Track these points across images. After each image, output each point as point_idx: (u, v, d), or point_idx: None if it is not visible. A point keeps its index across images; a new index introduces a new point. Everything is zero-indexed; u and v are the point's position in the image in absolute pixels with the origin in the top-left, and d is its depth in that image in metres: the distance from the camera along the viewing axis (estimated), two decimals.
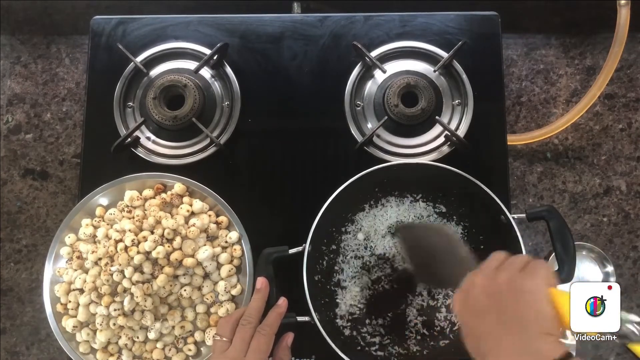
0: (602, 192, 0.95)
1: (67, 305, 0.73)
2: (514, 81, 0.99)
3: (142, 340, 0.73)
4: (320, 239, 0.74)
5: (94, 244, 0.75)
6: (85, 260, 0.74)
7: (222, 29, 0.86)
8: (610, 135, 0.97)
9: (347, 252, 0.77)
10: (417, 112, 0.79)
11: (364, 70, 0.84)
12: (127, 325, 0.72)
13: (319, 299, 0.73)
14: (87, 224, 0.76)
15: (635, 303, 0.91)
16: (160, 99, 0.80)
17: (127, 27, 0.86)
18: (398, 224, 0.76)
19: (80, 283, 0.72)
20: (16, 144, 0.98)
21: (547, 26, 1.01)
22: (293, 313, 0.69)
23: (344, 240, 0.77)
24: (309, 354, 0.75)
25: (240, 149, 0.82)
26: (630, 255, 0.93)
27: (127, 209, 0.75)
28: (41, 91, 1.00)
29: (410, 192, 0.78)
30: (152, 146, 0.83)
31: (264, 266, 0.69)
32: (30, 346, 0.91)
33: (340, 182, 0.72)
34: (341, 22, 0.85)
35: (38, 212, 0.96)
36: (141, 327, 0.73)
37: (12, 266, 0.94)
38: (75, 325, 0.73)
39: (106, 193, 0.77)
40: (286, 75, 0.84)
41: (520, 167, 0.96)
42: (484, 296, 0.53)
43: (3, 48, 1.03)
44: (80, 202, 0.77)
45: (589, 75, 0.99)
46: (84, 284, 0.72)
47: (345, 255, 0.77)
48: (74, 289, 0.74)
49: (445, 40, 0.84)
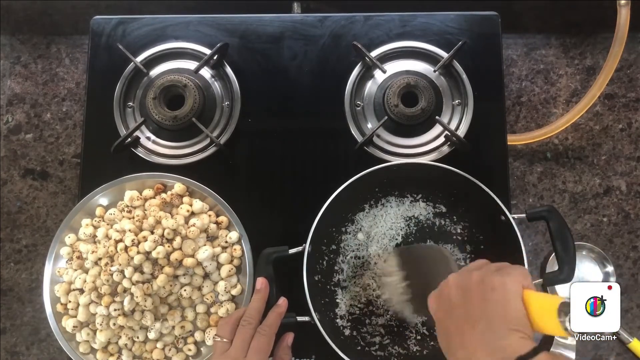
0: (602, 192, 0.95)
1: (67, 305, 0.73)
2: (514, 81, 0.99)
3: (142, 340, 0.73)
4: (320, 239, 0.74)
5: (94, 244, 0.75)
6: (85, 260, 0.74)
7: (222, 29, 0.86)
8: (610, 135, 0.97)
9: (347, 252, 0.77)
10: (417, 112, 0.79)
11: (364, 70, 0.84)
12: (127, 325, 0.72)
13: (319, 299, 0.73)
14: (87, 224, 0.76)
15: (635, 303, 0.91)
16: (160, 99, 0.80)
17: (127, 27, 0.86)
18: (399, 246, 0.76)
19: (80, 283, 0.72)
20: (16, 144, 0.98)
21: (547, 26, 1.01)
22: (293, 313, 0.69)
23: (344, 240, 0.77)
24: (309, 354, 0.75)
25: (240, 149, 0.82)
26: (630, 255, 0.93)
27: (127, 209, 0.75)
28: (41, 91, 1.00)
29: (411, 192, 0.78)
30: (152, 146, 0.83)
31: (264, 266, 0.69)
32: (30, 346, 0.91)
33: (340, 182, 0.72)
34: (341, 22, 0.85)
35: (38, 212, 0.96)
36: (141, 327, 0.73)
37: (12, 266, 0.94)
38: (75, 325, 0.73)
39: (106, 193, 0.77)
40: (286, 75, 0.84)
41: (520, 167, 0.96)
42: (455, 293, 0.54)
43: (3, 48, 1.03)
44: (80, 202, 0.77)
45: (589, 75, 0.99)
46: (84, 284, 0.72)
47: (345, 255, 0.77)
48: (74, 289, 0.74)
49: (445, 40, 0.84)
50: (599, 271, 0.92)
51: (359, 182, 0.72)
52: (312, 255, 0.71)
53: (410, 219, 0.78)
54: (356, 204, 0.78)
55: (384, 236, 0.77)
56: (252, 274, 0.74)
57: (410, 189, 0.78)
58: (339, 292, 0.76)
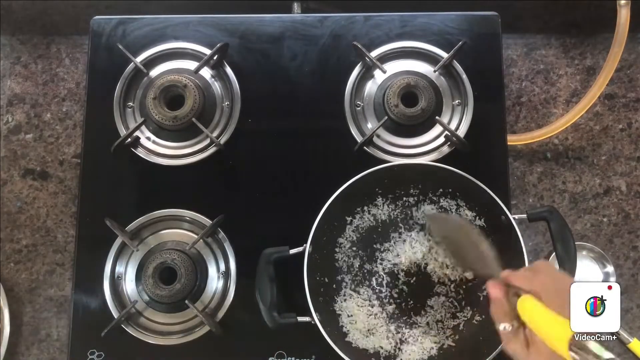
0: (602, 192, 0.95)
1: None
2: (514, 81, 0.99)
3: None
4: (320, 239, 0.74)
5: None
6: None
7: (222, 29, 0.86)
8: (611, 135, 0.97)
9: (348, 252, 0.77)
10: (417, 112, 0.79)
11: (364, 70, 0.84)
12: None
13: (320, 299, 0.73)
14: None
15: (635, 303, 0.91)
16: (160, 99, 0.80)
17: (127, 27, 0.86)
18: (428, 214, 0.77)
19: None
20: (16, 144, 0.98)
21: (547, 26, 1.01)
22: (293, 313, 0.69)
23: (344, 241, 0.77)
24: (309, 354, 0.75)
25: (240, 149, 0.82)
26: (630, 256, 0.93)
27: None
28: (41, 91, 1.00)
29: (411, 192, 0.78)
30: (152, 146, 0.83)
31: (265, 266, 0.69)
32: (30, 346, 0.91)
33: (340, 182, 0.72)
34: (341, 22, 0.85)
35: (38, 212, 0.95)
36: None
37: (12, 266, 0.94)
38: None
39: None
40: (286, 75, 0.84)
41: (520, 167, 0.96)
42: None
43: (3, 48, 1.02)
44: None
45: (589, 76, 0.99)
46: None
47: (347, 255, 0.77)
48: None
49: (446, 40, 0.84)
50: (599, 271, 0.92)
51: (360, 182, 0.72)
52: (313, 256, 0.71)
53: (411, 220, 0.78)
54: (357, 204, 0.78)
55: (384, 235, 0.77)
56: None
57: (411, 190, 0.78)
58: (339, 292, 0.76)
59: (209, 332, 0.75)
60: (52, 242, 0.94)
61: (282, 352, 0.75)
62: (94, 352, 0.75)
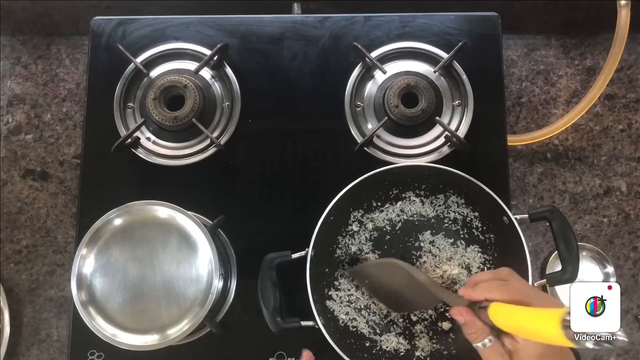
0: (602, 192, 0.95)
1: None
2: (514, 82, 0.99)
3: None
4: (322, 242, 0.73)
5: None
6: None
7: (222, 30, 0.86)
8: (611, 135, 0.97)
9: (350, 255, 0.77)
10: (417, 113, 0.79)
11: (364, 71, 0.84)
12: None
13: (322, 302, 0.73)
14: None
15: (635, 303, 0.91)
16: (160, 99, 0.80)
17: (128, 27, 0.86)
18: (350, 269, 0.75)
19: None
20: (16, 145, 0.98)
21: (547, 27, 1.01)
22: (297, 318, 0.68)
23: (346, 243, 0.77)
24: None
25: (241, 149, 0.82)
26: (631, 256, 0.93)
27: None
28: (41, 92, 1.00)
29: (412, 193, 0.78)
30: (152, 147, 0.83)
31: (267, 271, 0.68)
32: (30, 346, 0.91)
33: (340, 183, 0.72)
34: (341, 22, 0.85)
35: (38, 212, 0.96)
36: None
37: (12, 267, 0.94)
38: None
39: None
40: (286, 75, 0.84)
41: (521, 168, 0.96)
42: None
43: (3, 49, 1.03)
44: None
45: (589, 76, 0.99)
46: None
47: (349, 258, 0.77)
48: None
49: (446, 40, 0.84)
50: (599, 271, 0.92)
51: (361, 184, 0.72)
52: (315, 260, 0.71)
53: (412, 221, 0.78)
54: (357, 206, 0.78)
55: (385, 236, 0.77)
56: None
57: (412, 191, 0.78)
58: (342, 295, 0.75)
59: (209, 333, 0.75)
60: (52, 243, 0.95)
61: (282, 353, 0.75)
62: (94, 352, 0.75)
